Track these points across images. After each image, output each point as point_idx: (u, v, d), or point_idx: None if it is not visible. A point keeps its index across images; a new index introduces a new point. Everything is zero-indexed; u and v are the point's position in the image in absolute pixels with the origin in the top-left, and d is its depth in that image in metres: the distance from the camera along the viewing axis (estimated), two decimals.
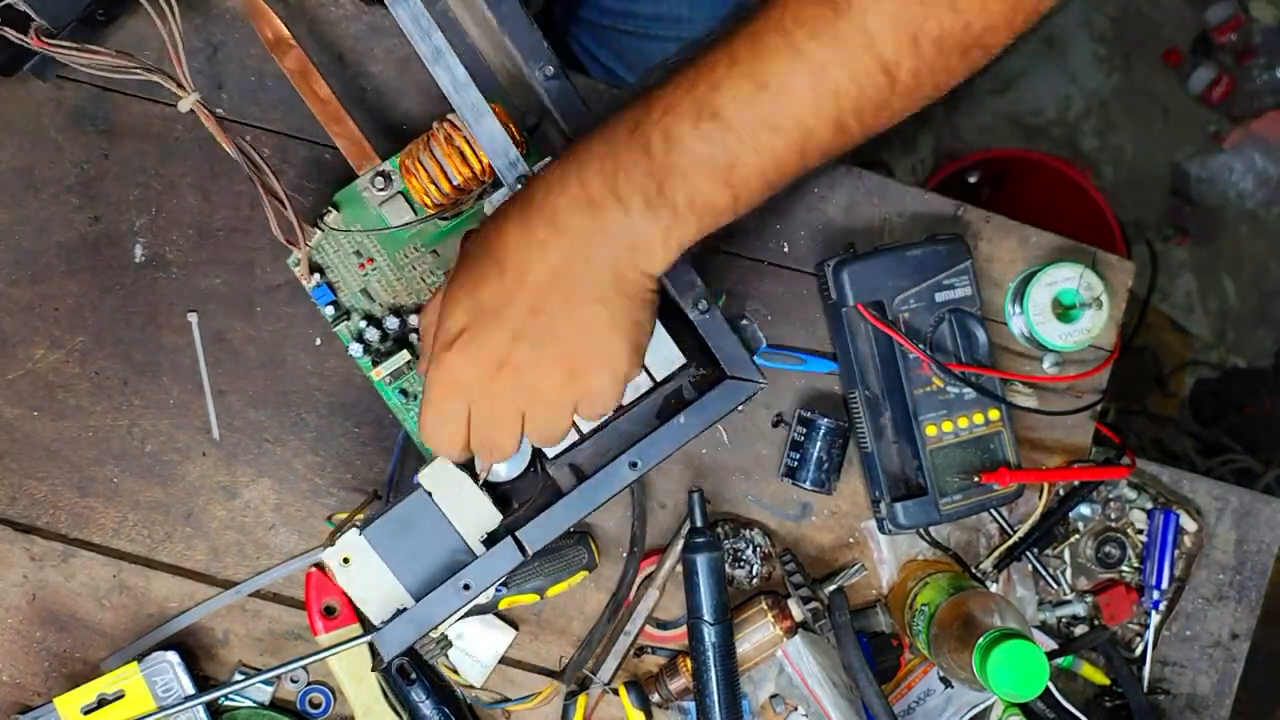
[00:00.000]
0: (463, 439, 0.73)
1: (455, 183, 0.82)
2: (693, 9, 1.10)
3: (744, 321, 0.90)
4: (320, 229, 0.85)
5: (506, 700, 0.92)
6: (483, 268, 0.69)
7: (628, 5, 1.11)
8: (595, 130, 0.68)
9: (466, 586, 0.78)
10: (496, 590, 0.90)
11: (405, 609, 0.79)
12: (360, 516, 0.83)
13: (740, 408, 0.78)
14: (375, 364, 0.86)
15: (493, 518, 0.80)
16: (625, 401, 0.80)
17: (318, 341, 0.91)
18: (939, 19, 0.65)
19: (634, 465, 0.77)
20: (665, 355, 0.80)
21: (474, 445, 0.74)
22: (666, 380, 0.81)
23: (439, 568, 0.79)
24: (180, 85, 0.76)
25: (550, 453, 0.81)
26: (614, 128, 0.67)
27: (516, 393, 0.71)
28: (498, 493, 0.82)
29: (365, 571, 0.80)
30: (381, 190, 0.85)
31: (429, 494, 0.80)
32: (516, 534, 0.78)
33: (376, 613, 0.80)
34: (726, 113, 0.65)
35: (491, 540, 0.79)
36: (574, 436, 0.80)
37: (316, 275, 0.86)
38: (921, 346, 0.89)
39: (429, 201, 0.83)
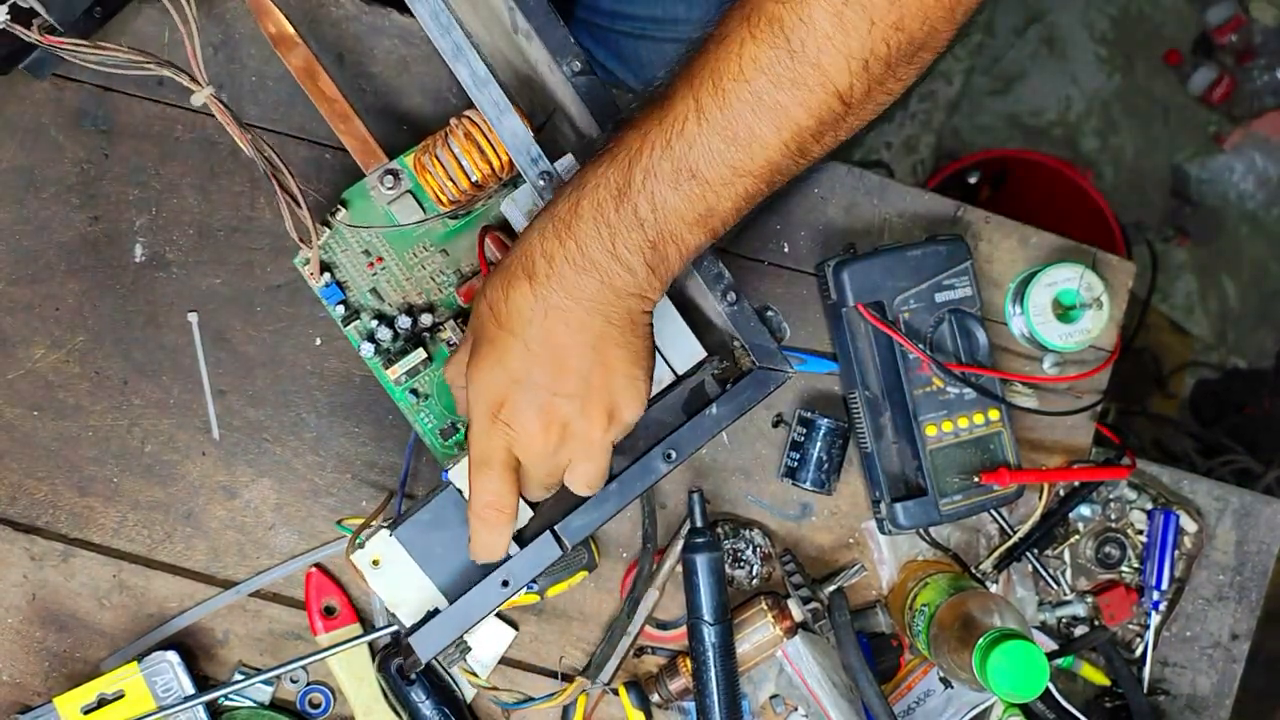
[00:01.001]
0: (511, 502, 0.77)
1: (474, 179, 0.82)
2: (689, 10, 1.10)
3: (769, 313, 0.90)
4: (330, 227, 0.85)
5: (530, 700, 0.91)
6: (503, 341, 0.73)
7: (624, 6, 1.11)
8: (577, 189, 0.71)
9: (505, 583, 0.78)
10: (529, 585, 0.89)
11: (438, 610, 0.78)
12: (378, 519, 0.82)
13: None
14: (388, 364, 0.86)
15: (524, 513, 0.80)
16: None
17: (318, 341, 0.91)
18: (886, 40, 0.67)
19: (669, 457, 0.79)
20: (686, 349, 0.82)
21: (531, 495, 0.79)
22: (688, 374, 0.81)
23: (470, 566, 0.79)
24: (194, 79, 0.75)
25: None
26: (597, 192, 0.70)
27: (566, 445, 0.75)
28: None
29: (397, 572, 0.79)
30: (390, 189, 0.84)
31: (460, 492, 0.79)
32: (555, 528, 0.78)
33: (408, 614, 0.79)
34: (702, 171, 0.69)
35: (520, 537, 0.79)
36: None
37: (326, 275, 0.86)
38: (921, 347, 0.89)
39: (444, 199, 0.83)
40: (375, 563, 0.79)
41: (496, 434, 0.74)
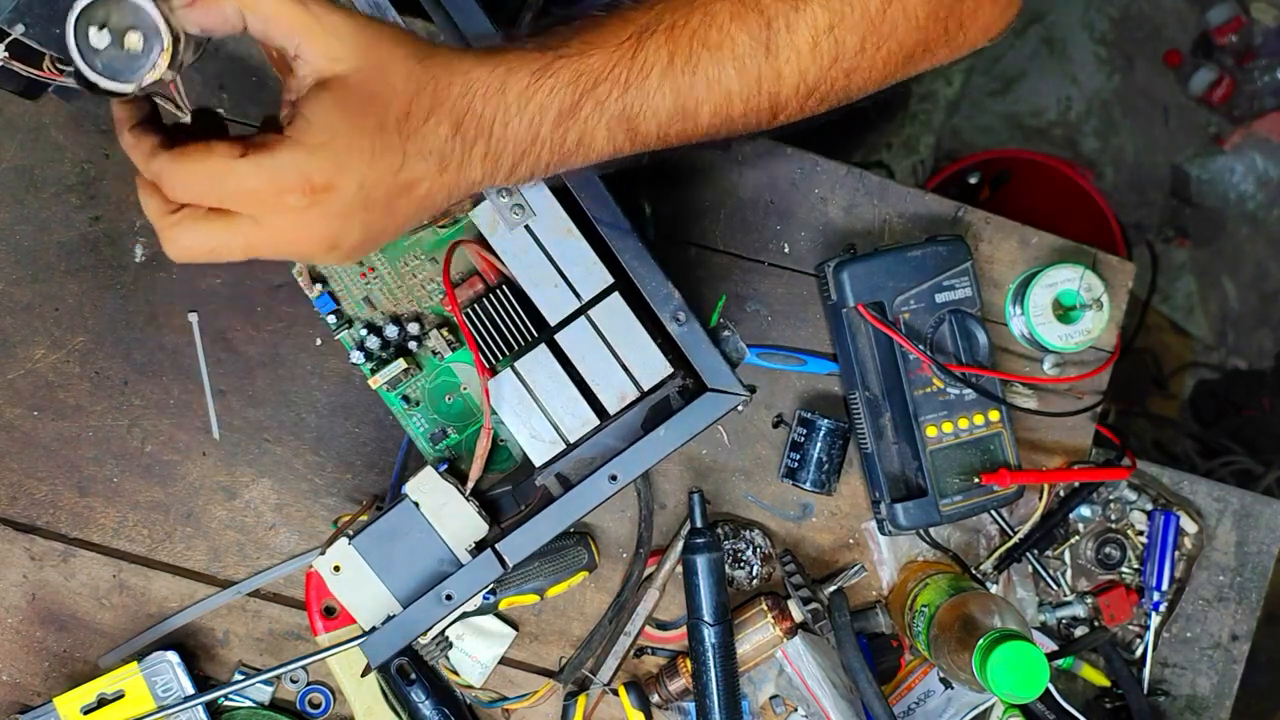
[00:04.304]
0: None
1: None
2: None
3: (726, 333, 0.89)
4: None
5: (504, 699, 0.92)
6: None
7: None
8: (521, 91, 0.63)
9: (449, 597, 0.78)
10: (486, 596, 0.90)
11: (394, 616, 0.79)
12: (358, 522, 0.83)
13: (738, 411, 0.78)
14: (374, 372, 0.86)
15: (480, 528, 0.81)
16: (612, 411, 0.80)
17: (318, 341, 0.91)
18: (835, 81, 0.69)
19: (613, 478, 0.77)
20: (652, 365, 0.80)
21: None
22: (654, 390, 0.80)
23: (427, 576, 0.80)
24: (178, 106, 0.76)
25: (538, 462, 0.81)
26: (542, 111, 0.64)
27: None
28: (487, 501, 0.83)
29: (355, 579, 0.80)
30: None
31: (415, 504, 0.80)
32: (496, 546, 0.78)
33: (366, 619, 0.80)
34: (638, 126, 0.66)
35: (480, 549, 0.80)
36: (561, 446, 0.80)
37: (318, 285, 0.86)
38: (922, 347, 0.89)
39: None
40: (336, 569, 0.80)
41: None
